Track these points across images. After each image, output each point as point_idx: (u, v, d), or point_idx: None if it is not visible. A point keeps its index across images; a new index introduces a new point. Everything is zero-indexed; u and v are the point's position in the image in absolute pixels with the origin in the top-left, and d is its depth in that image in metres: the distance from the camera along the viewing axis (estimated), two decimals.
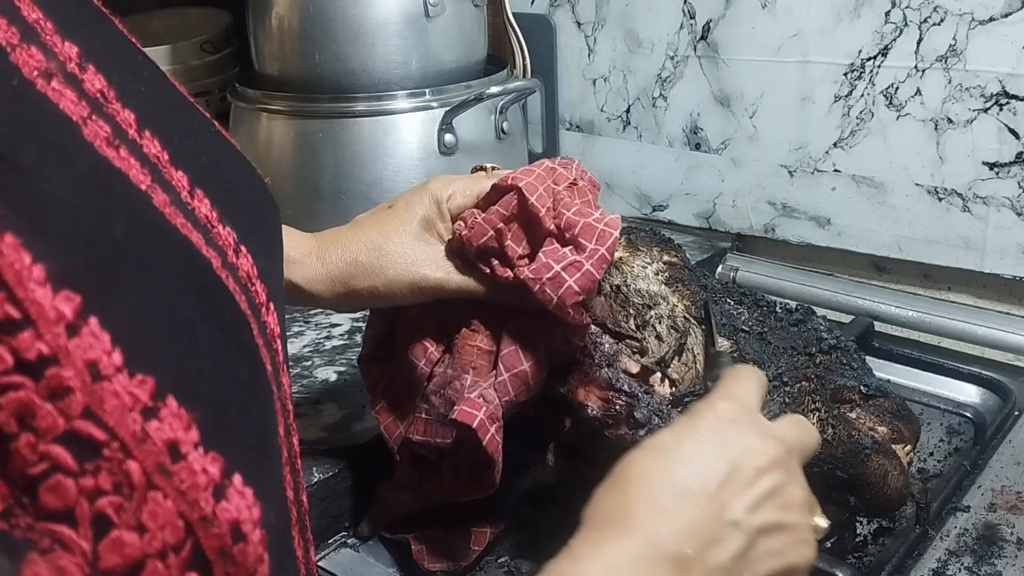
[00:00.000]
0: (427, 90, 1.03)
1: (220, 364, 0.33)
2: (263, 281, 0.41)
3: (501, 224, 0.59)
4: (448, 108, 1.02)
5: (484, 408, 0.58)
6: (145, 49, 0.44)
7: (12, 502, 0.26)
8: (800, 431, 0.48)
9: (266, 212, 0.46)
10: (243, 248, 0.40)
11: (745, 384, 0.49)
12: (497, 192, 0.61)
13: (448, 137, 1.02)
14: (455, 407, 0.59)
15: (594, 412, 0.60)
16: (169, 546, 0.28)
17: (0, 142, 0.27)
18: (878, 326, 0.94)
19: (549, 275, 0.56)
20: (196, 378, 0.31)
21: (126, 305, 0.29)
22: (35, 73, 0.32)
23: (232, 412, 0.33)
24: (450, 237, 0.62)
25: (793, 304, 0.71)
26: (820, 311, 0.70)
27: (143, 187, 0.34)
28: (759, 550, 0.43)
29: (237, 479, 0.30)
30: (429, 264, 0.61)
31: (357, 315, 0.95)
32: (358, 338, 0.91)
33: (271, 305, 0.42)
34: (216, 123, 0.46)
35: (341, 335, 0.94)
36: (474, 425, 0.57)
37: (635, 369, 0.60)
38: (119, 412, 0.27)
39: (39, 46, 0.33)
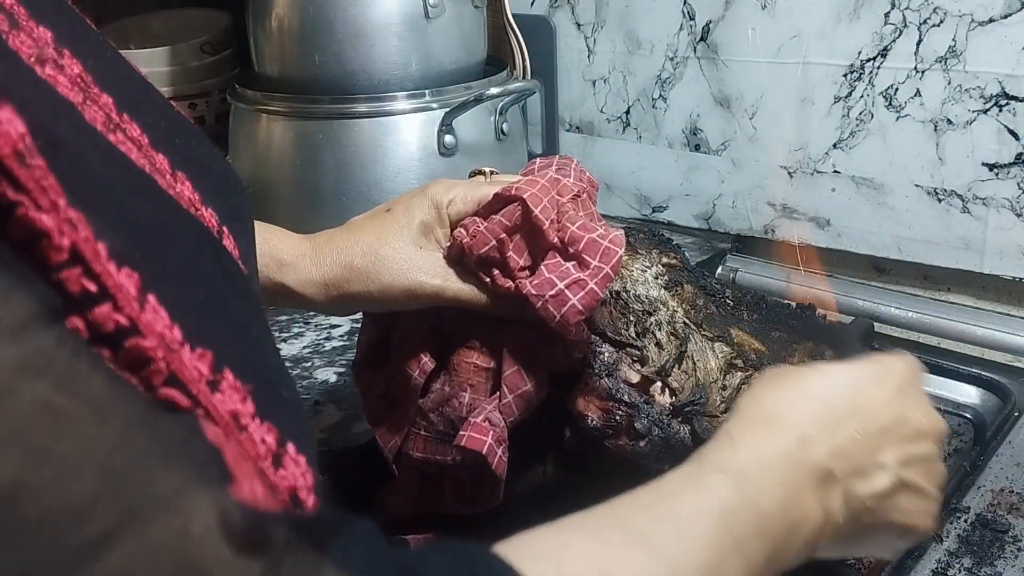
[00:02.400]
0: (427, 91, 1.03)
1: (256, 336, 0.34)
2: (243, 263, 0.41)
3: (504, 234, 0.58)
4: (448, 109, 1.02)
5: (491, 432, 0.58)
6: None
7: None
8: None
9: (238, 194, 0.46)
10: (225, 230, 0.40)
11: (915, 362, 0.50)
12: (499, 201, 0.60)
13: (448, 138, 1.02)
14: (462, 433, 0.58)
15: (594, 423, 0.59)
16: None
17: (40, 118, 0.26)
18: (878, 327, 0.94)
19: (552, 292, 0.56)
20: (244, 351, 0.32)
21: (172, 281, 0.29)
22: (32, 59, 0.32)
23: (277, 383, 0.34)
24: (449, 243, 0.62)
25: (793, 304, 0.71)
26: (819, 312, 0.70)
27: (147, 170, 0.34)
28: (895, 501, 0.45)
29: (291, 448, 0.31)
30: (426, 270, 0.60)
31: (357, 316, 0.95)
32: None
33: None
34: (171, 102, 0.46)
35: (340, 336, 0.94)
36: (484, 452, 0.57)
37: (635, 379, 0.60)
38: (193, 383, 0.28)
39: (24, 32, 0.33)
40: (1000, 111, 0.92)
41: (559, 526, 0.35)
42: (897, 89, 0.98)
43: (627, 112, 1.22)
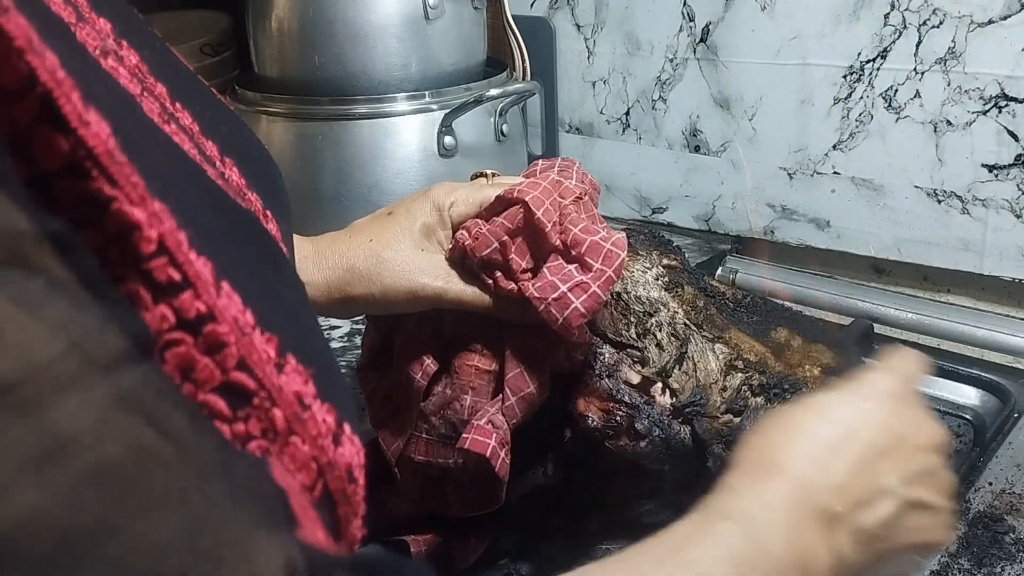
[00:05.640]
0: (427, 92, 1.03)
1: (306, 321, 0.35)
2: (285, 244, 0.42)
3: (506, 236, 0.58)
4: (448, 110, 1.02)
5: (494, 435, 0.58)
6: None
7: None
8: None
9: (277, 178, 0.47)
10: (269, 214, 0.41)
11: (909, 365, 0.49)
12: (501, 203, 0.60)
13: (448, 139, 1.02)
14: (465, 436, 0.58)
15: (595, 423, 0.59)
16: (305, 487, 0.30)
17: (114, 117, 0.27)
18: (877, 328, 0.94)
19: (555, 295, 0.56)
20: (301, 335, 0.33)
21: (238, 270, 0.30)
22: (96, 51, 0.33)
23: (332, 367, 0.35)
24: (451, 246, 0.62)
25: (793, 306, 0.71)
26: (819, 313, 0.70)
27: (197, 160, 0.35)
28: (905, 522, 0.44)
29: (347, 428, 0.32)
30: (428, 272, 0.59)
31: (357, 317, 0.95)
32: (358, 340, 0.91)
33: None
34: (215, 91, 0.47)
35: (340, 337, 0.94)
36: (487, 455, 0.57)
37: (636, 380, 0.60)
38: (262, 365, 0.29)
39: (89, 24, 0.33)
40: (999, 112, 0.92)
41: None
42: (897, 90, 0.98)
43: (627, 113, 1.22)
